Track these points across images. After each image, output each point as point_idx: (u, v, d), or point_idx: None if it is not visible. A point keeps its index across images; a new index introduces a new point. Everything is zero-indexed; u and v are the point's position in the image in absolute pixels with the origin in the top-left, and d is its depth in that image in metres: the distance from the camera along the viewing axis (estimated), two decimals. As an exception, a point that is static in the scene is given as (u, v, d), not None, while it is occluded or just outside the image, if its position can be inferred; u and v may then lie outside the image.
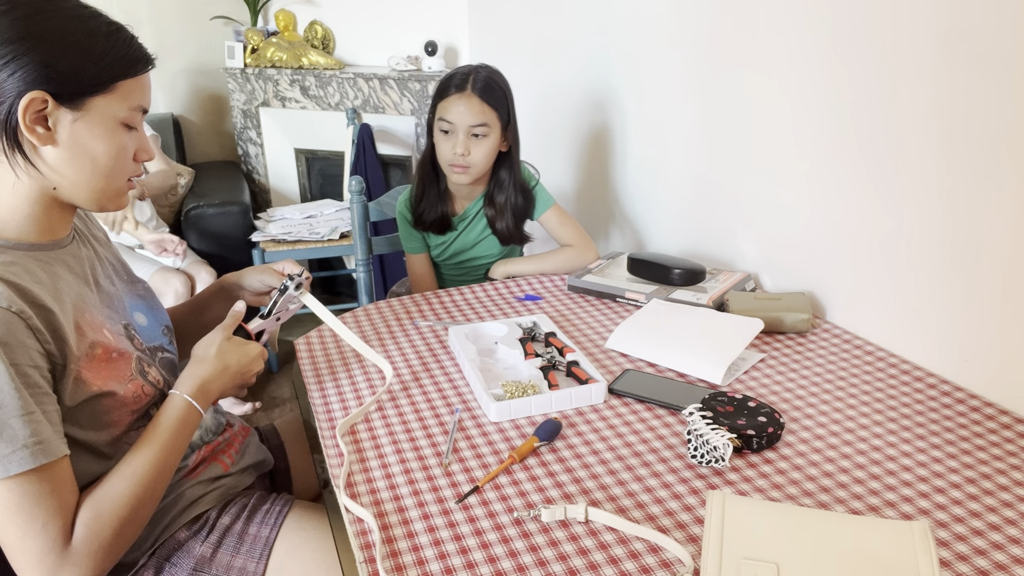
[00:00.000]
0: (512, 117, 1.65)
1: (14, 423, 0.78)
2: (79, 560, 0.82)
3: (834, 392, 1.13)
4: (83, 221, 1.05)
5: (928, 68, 1.12)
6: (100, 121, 0.88)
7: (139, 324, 1.03)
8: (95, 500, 0.85)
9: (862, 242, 1.29)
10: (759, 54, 1.47)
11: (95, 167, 0.89)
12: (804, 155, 1.40)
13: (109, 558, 0.85)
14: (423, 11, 2.93)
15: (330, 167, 3.27)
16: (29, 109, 0.83)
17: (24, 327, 0.81)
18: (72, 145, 0.87)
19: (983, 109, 1.05)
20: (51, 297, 0.86)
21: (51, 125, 0.85)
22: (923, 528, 0.68)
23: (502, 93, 1.62)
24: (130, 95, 0.90)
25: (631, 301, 1.48)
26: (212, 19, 3.20)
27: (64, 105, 0.85)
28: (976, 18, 1.04)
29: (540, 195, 1.72)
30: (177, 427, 0.94)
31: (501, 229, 1.71)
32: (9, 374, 0.78)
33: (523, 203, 1.70)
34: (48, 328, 0.84)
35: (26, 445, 0.78)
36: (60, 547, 0.81)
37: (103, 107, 0.87)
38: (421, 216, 1.72)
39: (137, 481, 0.88)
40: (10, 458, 0.78)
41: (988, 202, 1.07)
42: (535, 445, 0.99)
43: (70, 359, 0.86)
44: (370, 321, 1.41)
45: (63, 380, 0.86)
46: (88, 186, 0.90)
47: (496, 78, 1.62)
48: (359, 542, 0.84)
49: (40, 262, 0.89)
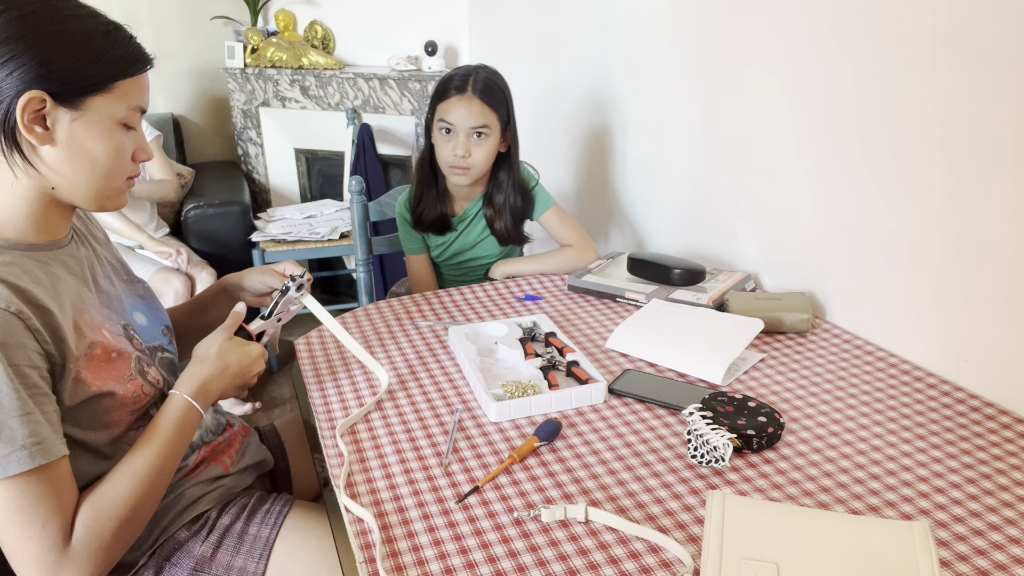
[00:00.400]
0: (511, 118, 1.65)
1: (13, 423, 0.78)
2: (78, 560, 0.82)
3: (834, 392, 1.13)
4: (82, 221, 1.05)
5: (929, 67, 1.12)
6: (99, 121, 0.88)
7: (138, 324, 1.03)
8: (95, 500, 0.85)
9: (862, 242, 1.29)
10: (759, 54, 1.47)
11: (93, 167, 0.89)
12: (804, 155, 1.40)
13: (109, 558, 0.85)
14: (423, 11, 2.93)
15: (330, 167, 3.27)
16: (27, 109, 0.83)
17: (23, 327, 0.81)
18: (70, 145, 0.87)
19: (984, 108, 1.05)
20: (50, 297, 0.86)
21: (49, 125, 0.85)
22: (923, 528, 0.68)
23: (501, 94, 1.62)
24: (128, 95, 0.90)
25: (631, 301, 1.48)
26: (212, 19, 3.20)
27: (62, 105, 0.85)
28: (978, 16, 1.04)
29: (540, 195, 1.72)
30: (177, 427, 0.94)
31: (499, 230, 1.71)
32: (8, 375, 0.78)
33: (522, 204, 1.70)
34: (47, 328, 0.84)
35: (24, 446, 0.78)
36: (59, 547, 0.81)
37: (102, 107, 0.87)
38: (420, 217, 1.72)
39: (137, 481, 0.88)
40: (9, 459, 0.78)
41: (989, 202, 1.07)
42: (535, 445, 0.99)
43: (69, 359, 0.86)
44: (370, 321, 1.41)
45: (62, 380, 0.86)
46: (87, 186, 0.90)
47: (495, 79, 1.62)
48: (359, 542, 0.84)
49: (38, 262, 0.89)
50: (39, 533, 0.80)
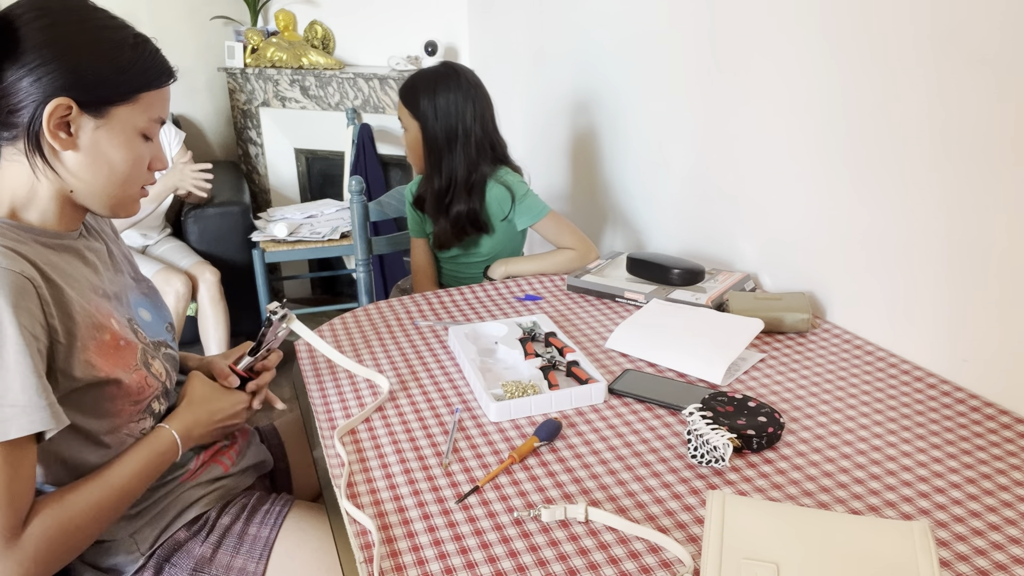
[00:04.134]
0: (428, 114, 1.69)
1: (15, 386, 0.78)
2: (21, 557, 0.80)
3: (834, 392, 1.13)
4: (93, 216, 1.06)
5: (928, 68, 1.12)
6: (121, 130, 0.90)
7: (143, 319, 1.04)
8: (60, 504, 0.84)
9: (862, 242, 1.29)
10: (759, 54, 1.47)
11: (112, 174, 0.91)
12: (804, 155, 1.40)
13: (51, 564, 0.83)
14: (423, 11, 2.93)
15: (330, 167, 3.27)
16: (54, 115, 0.85)
17: (34, 295, 0.82)
18: (92, 151, 0.89)
19: (982, 109, 1.05)
20: (61, 278, 0.88)
21: (73, 131, 0.87)
22: (923, 528, 0.68)
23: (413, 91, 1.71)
24: (151, 106, 0.92)
25: (630, 301, 1.48)
26: (212, 19, 3.20)
27: (87, 112, 0.87)
28: (975, 18, 1.04)
29: (532, 204, 1.72)
30: (156, 458, 0.95)
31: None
32: (19, 332, 0.78)
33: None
34: (56, 303, 0.85)
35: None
36: (5, 538, 0.79)
37: (125, 116, 0.90)
38: (421, 196, 1.79)
39: (104, 496, 0.88)
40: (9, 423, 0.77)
41: (988, 202, 1.07)
42: (535, 445, 0.99)
43: (77, 336, 0.86)
44: (370, 321, 1.41)
45: (71, 358, 0.86)
46: (104, 192, 0.92)
47: (415, 77, 1.71)
48: (359, 542, 0.84)
49: (51, 249, 0.91)
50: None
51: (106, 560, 0.98)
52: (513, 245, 1.82)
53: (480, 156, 1.69)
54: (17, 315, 0.78)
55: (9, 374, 0.78)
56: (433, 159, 1.71)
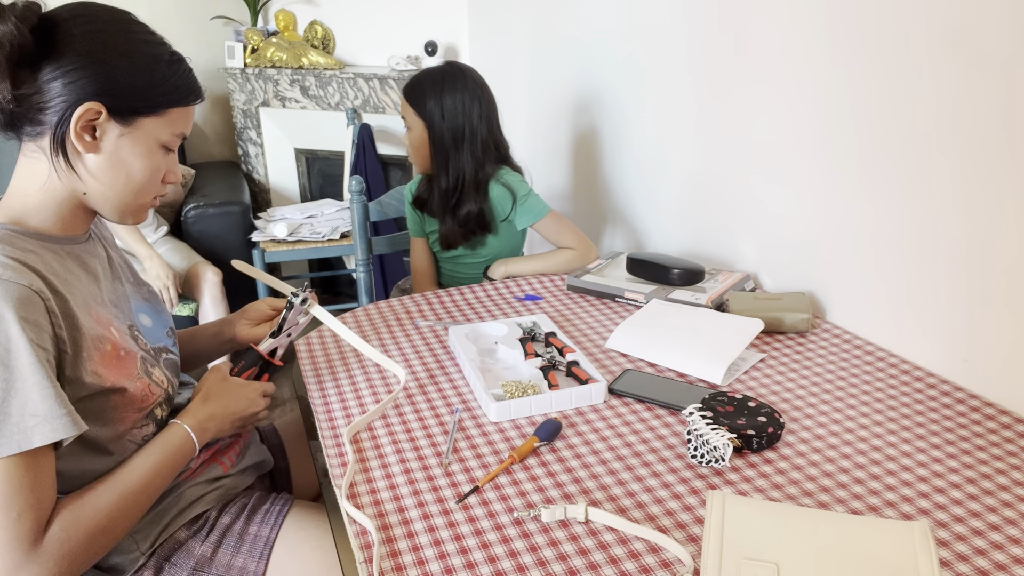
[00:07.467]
0: (435, 113, 1.68)
1: (34, 395, 0.79)
2: (45, 560, 0.81)
3: (834, 392, 1.13)
4: (94, 221, 1.06)
5: (928, 67, 1.12)
6: (144, 140, 0.92)
7: (143, 325, 1.04)
8: (77, 506, 0.85)
9: (862, 242, 1.29)
10: (759, 53, 1.47)
11: (129, 181, 0.93)
12: (804, 154, 1.40)
13: (75, 566, 0.84)
14: (423, 11, 2.93)
15: (330, 167, 3.27)
16: (83, 117, 0.87)
17: (43, 307, 0.82)
18: (113, 156, 0.91)
19: (982, 109, 1.05)
20: (64, 287, 0.88)
21: (98, 135, 0.89)
22: (923, 528, 0.68)
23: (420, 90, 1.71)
24: (176, 122, 0.95)
25: (630, 301, 1.48)
26: (212, 19, 3.20)
27: (115, 119, 0.89)
28: (978, 17, 1.04)
29: (533, 204, 1.72)
30: (172, 454, 0.96)
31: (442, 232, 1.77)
32: (30, 347, 0.79)
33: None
34: (63, 313, 0.86)
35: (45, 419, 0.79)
36: (29, 543, 0.80)
37: (150, 128, 0.92)
38: (420, 195, 1.79)
39: (121, 495, 0.89)
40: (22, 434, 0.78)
41: (988, 202, 1.07)
42: (535, 445, 0.99)
43: (83, 346, 0.87)
44: (370, 321, 1.41)
45: (78, 366, 0.86)
46: (117, 198, 0.94)
47: (420, 76, 1.71)
48: (359, 542, 0.84)
49: (56, 254, 0.91)
50: (13, 523, 0.79)
51: (106, 559, 0.98)
52: (513, 245, 1.82)
53: (485, 156, 1.70)
54: (25, 328, 0.79)
55: (27, 385, 0.79)
56: (440, 159, 1.70)
